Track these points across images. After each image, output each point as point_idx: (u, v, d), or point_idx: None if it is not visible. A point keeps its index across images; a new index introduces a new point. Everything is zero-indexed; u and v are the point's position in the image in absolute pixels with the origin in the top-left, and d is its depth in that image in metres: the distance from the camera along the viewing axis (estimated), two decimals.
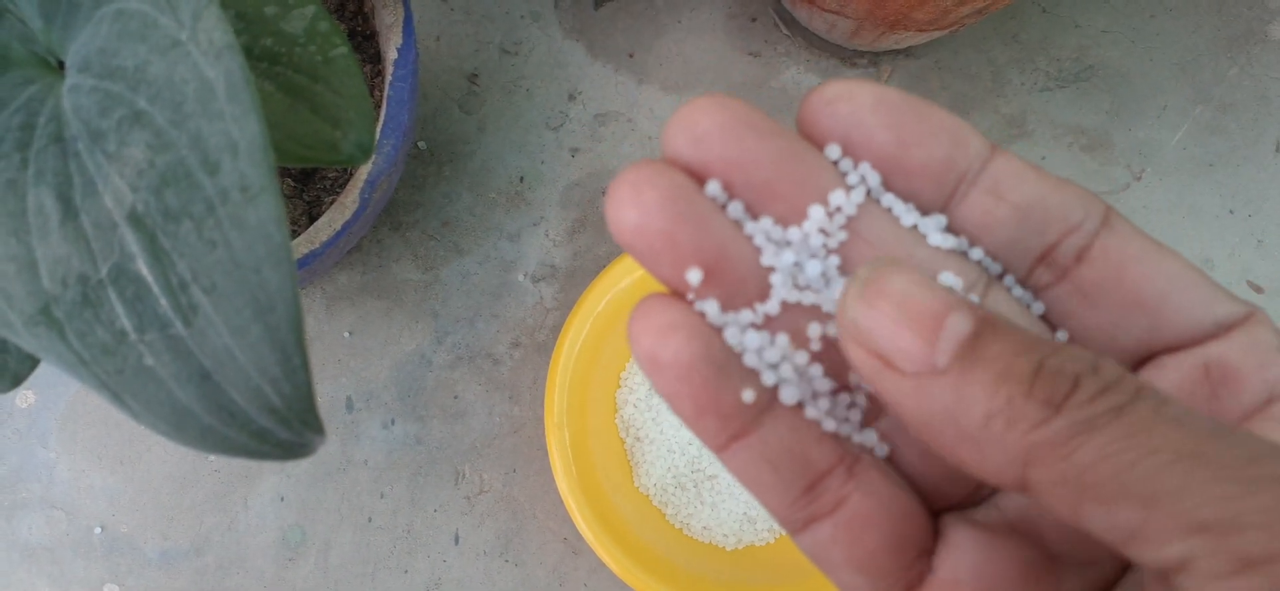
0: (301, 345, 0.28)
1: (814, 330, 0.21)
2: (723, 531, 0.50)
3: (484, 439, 0.53)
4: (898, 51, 0.56)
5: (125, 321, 0.28)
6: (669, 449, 0.50)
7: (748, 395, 0.20)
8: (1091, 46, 0.56)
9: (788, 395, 0.21)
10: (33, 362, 0.34)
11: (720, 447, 0.21)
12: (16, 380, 0.34)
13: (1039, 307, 0.22)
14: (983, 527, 0.21)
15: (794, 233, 0.21)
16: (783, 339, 0.21)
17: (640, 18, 0.56)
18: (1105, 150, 0.55)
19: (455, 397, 0.53)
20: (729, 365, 0.20)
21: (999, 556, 0.21)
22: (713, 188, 0.20)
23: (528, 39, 0.56)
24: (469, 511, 0.52)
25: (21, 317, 0.29)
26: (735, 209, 0.21)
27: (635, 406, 0.51)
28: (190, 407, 0.28)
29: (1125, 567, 0.21)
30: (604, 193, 0.55)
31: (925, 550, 0.21)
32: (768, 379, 0.21)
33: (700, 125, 0.20)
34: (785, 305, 0.21)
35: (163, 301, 0.28)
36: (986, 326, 0.18)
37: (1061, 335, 0.22)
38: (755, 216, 0.21)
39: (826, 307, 0.21)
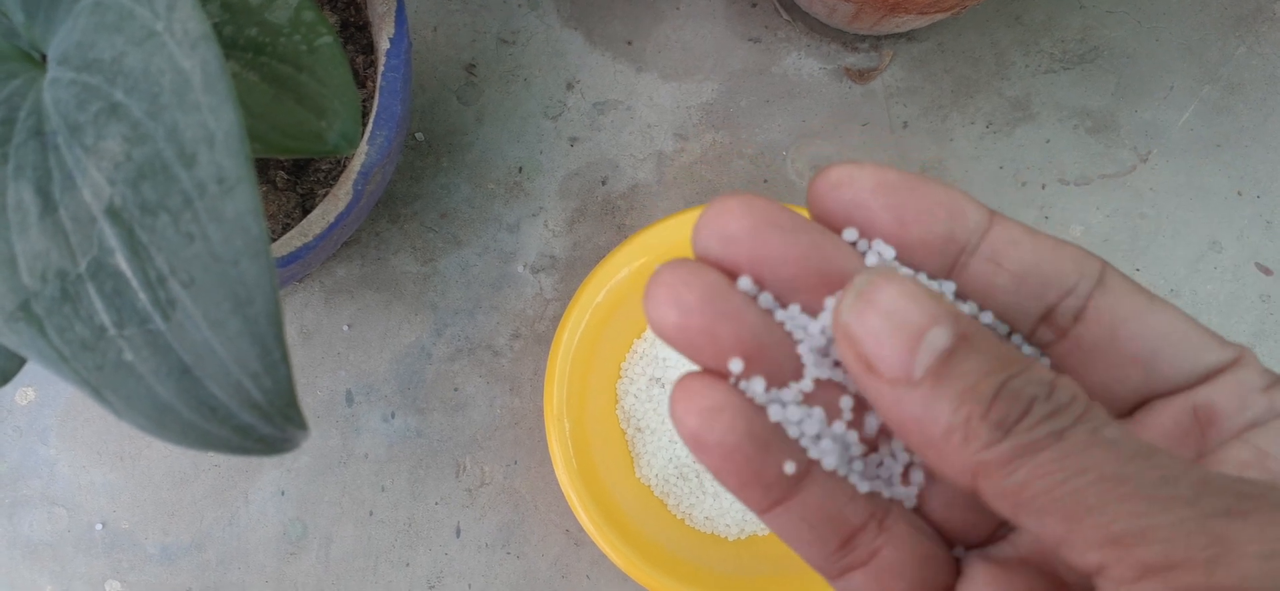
0: (281, 338, 0.27)
1: (845, 403, 0.23)
2: (725, 522, 0.50)
3: (485, 431, 0.53)
4: (899, 35, 0.55)
5: (104, 316, 0.28)
6: (670, 439, 0.50)
7: (789, 467, 0.22)
8: (1096, 26, 0.55)
9: (829, 462, 0.23)
10: (21, 359, 0.34)
11: (762, 511, 0.23)
12: (5, 376, 0.34)
13: (1046, 362, 0.24)
14: (998, 563, 0.23)
15: (822, 319, 0.23)
16: (818, 412, 0.23)
17: (639, 4, 0.56)
18: (1111, 131, 0.55)
19: (455, 390, 0.53)
20: (770, 441, 0.22)
21: (1013, 589, 0.23)
22: (745, 283, 0.22)
23: (525, 28, 0.55)
24: (470, 504, 0.52)
25: (1, 314, 0.28)
26: (765, 299, 0.23)
27: (636, 397, 0.50)
28: (171, 403, 0.28)
29: None
30: (604, 182, 0.54)
31: (949, 587, 0.23)
32: (812, 452, 0.23)
33: (729, 227, 0.22)
34: (818, 382, 0.23)
35: (141, 296, 0.27)
36: (964, 342, 0.19)
37: None
38: (784, 304, 0.23)
39: (853, 387, 0.23)
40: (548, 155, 0.54)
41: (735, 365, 0.22)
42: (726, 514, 0.49)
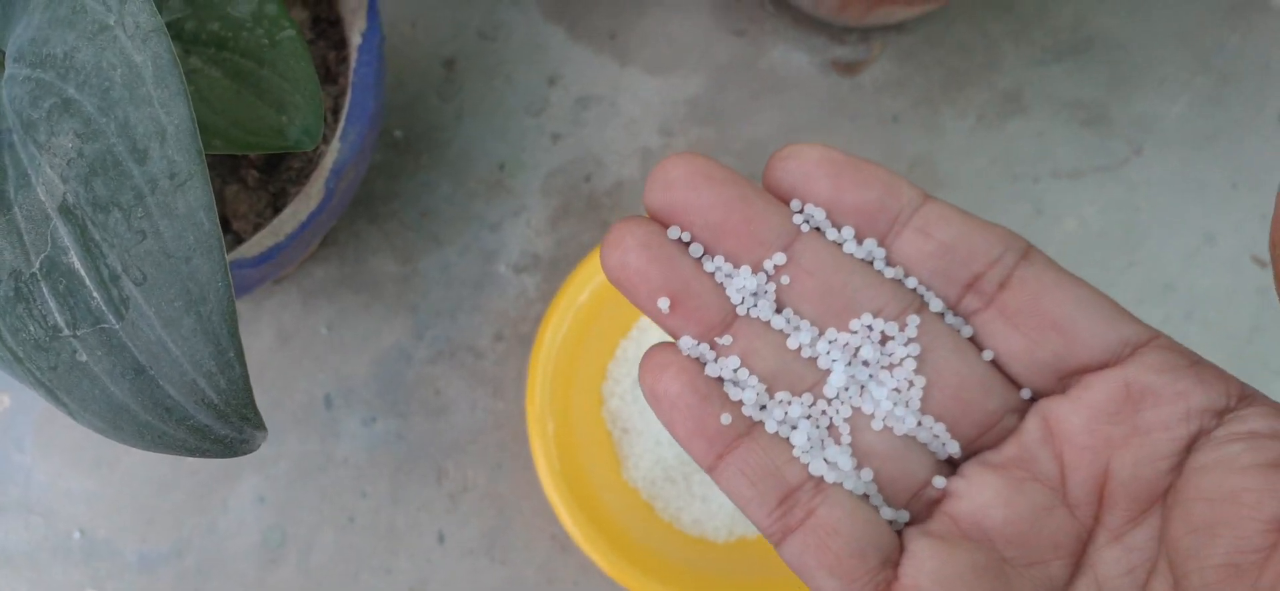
0: (235, 337, 0.27)
1: (764, 349, 0.26)
2: (714, 524, 0.49)
3: (467, 435, 0.52)
4: (888, 27, 0.55)
5: (58, 316, 0.27)
6: (657, 441, 0.49)
7: (725, 418, 0.25)
8: (1089, 17, 0.55)
9: (750, 410, 0.25)
10: None
11: (709, 466, 0.25)
12: None
13: (969, 330, 0.26)
14: (938, 537, 0.25)
15: (744, 272, 0.25)
16: (733, 359, 0.25)
17: None
18: (1104, 124, 0.54)
19: (437, 393, 0.52)
20: (712, 394, 0.25)
21: (954, 561, 0.24)
22: (673, 232, 0.25)
23: (507, 22, 0.55)
24: (453, 509, 0.51)
25: None
26: (697, 248, 0.25)
27: (621, 398, 0.50)
28: (126, 404, 0.27)
29: (1075, 573, 0.25)
30: (587, 179, 0.53)
31: (890, 559, 0.25)
32: (741, 397, 0.25)
33: (668, 176, 0.25)
34: (742, 329, 0.26)
35: (95, 295, 0.27)
36: None
37: (987, 355, 0.25)
38: (712, 254, 0.26)
39: (777, 324, 0.26)
40: (530, 152, 0.53)
41: (662, 303, 0.25)
42: (715, 517, 0.49)
